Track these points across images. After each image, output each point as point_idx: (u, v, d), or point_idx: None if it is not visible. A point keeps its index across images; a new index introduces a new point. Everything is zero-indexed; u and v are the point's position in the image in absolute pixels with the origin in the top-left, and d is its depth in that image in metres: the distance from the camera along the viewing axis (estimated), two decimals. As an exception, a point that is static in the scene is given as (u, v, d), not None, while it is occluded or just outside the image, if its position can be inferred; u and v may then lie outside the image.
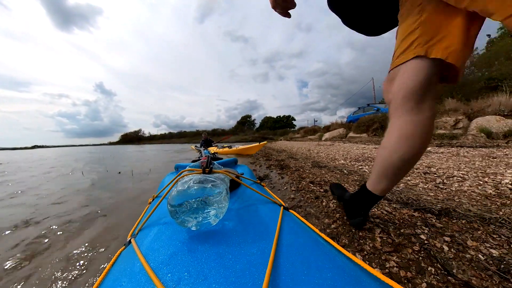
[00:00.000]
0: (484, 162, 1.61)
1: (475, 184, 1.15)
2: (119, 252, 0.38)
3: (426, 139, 0.56)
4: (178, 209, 0.36)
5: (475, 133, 2.90)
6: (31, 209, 1.46)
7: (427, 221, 0.77)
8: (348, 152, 3.11)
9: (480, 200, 0.96)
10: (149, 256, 0.32)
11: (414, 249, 0.63)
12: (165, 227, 0.41)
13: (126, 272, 0.30)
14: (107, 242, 0.94)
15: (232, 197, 0.55)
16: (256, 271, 0.27)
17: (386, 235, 0.71)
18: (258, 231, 0.38)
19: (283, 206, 0.51)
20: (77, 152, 15.48)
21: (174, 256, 0.31)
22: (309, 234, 0.39)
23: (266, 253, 0.31)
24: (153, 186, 1.95)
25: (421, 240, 0.67)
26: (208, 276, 0.26)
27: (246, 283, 0.25)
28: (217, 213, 0.38)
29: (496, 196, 0.98)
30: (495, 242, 0.64)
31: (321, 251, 0.33)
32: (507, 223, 0.74)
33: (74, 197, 1.73)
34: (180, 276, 0.27)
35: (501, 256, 0.58)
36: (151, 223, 0.46)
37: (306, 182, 1.49)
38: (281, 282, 0.25)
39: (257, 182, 0.75)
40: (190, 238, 0.35)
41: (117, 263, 0.35)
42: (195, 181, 0.40)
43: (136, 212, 1.26)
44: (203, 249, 0.32)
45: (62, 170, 3.67)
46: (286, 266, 0.28)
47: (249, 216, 0.45)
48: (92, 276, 0.71)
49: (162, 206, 0.52)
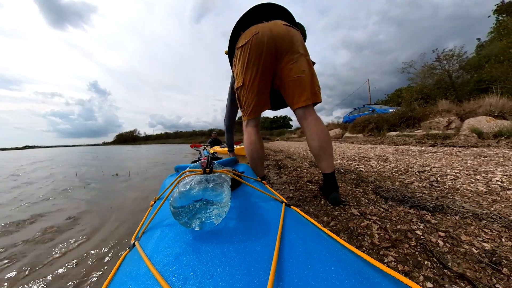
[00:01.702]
0: (475, 161, 1.66)
1: (468, 182, 1.19)
2: (123, 255, 0.38)
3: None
4: (180, 210, 0.36)
5: (467, 133, 2.99)
6: (24, 214, 1.42)
7: (422, 218, 0.80)
8: (345, 152, 3.15)
9: (472, 197, 0.99)
10: (154, 258, 0.32)
11: (410, 244, 0.65)
12: (168, 229, 0.41)
13: (132, 275, 0.30)
14: (110, 246, 0.92)
15: (234, 195, 0.56)
16: (261, 267, 0.27)
17: (384, 231, 0.73)
18: (261, 228, 0.38)
19: (284, 203, 0.52)
20: (71, 152, 15.09)
21: (179, 257, 0.31)
22: (311, 229, 0.39)
23: (270, 249, 0.31)
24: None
25: (417, 236, 0.69)
26: (214, 275, 0.26)
27: (252, 279, 0.25)
28: (220, 212, 0.38)
29: (487, 193, 1.02)
30: (487, 236, 0.66)
31: (324, 245, 0.33)
32: (497, 218, 0.77)
33: (65, 203, 1.69)
34: (186, 276, 0.27)
35: (493, 249, 0.60)
36: (154, 225, 0.46)
37: (304, 181, 1.51)
38: (286, 277, 0.26)
39: (258, 180, 0.76)
40: (194, 238, 0.35)
41: (122, 266, 0.35)
42: (196, 182, 0.40)
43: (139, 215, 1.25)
44: (207, 249, 0.32)
45: (56, 183, 3.57)
46: (290, 261, 0.29)
47: (252, 213, 0.45)
48: (98, 281, 0.70)
49: (165, 208, 0.52)
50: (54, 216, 1.31)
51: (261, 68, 0.97)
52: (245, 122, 1.14)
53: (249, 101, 1.05)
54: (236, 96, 1.14)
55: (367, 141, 4.89)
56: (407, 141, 3.66)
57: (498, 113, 3.62)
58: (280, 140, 14.70)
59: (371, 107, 9.44)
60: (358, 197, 1.07)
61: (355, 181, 1.39)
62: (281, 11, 1.04)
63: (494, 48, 9.36)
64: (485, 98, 4.24)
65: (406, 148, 2.81)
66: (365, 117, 7.36)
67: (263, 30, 0.93)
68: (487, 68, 8.62)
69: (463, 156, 1.89)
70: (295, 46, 0.97)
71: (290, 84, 0.98)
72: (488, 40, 11.56)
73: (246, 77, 1.00)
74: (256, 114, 1.09)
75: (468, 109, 4.27)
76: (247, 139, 1.10)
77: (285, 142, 10.49)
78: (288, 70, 0.97)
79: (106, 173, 3.00)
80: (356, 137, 6.46)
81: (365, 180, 1.39)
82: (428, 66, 10.86)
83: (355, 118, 8.18)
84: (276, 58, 0.97)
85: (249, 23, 1.00)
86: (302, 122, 1.02)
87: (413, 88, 10.89)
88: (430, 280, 0.51)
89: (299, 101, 0.98)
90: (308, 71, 0.98)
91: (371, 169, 1.75)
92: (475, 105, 4.23)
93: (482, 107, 3.95)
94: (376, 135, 5.68)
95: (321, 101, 1.03)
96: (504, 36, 9.60)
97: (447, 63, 10.43)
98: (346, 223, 0.81)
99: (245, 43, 0.96)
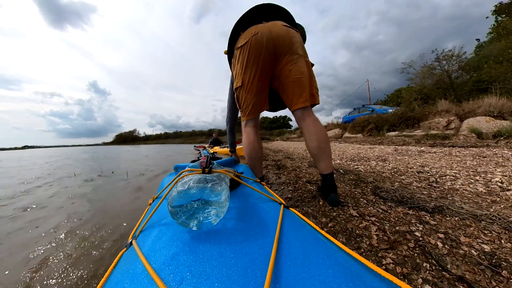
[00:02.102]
0: (475, 161, 1.66)
1: (467, 183, 1.18)
2: (120, 254, 0.38)
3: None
4: (178, 209, 0.36)
5: (466, 134, 2.98)
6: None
7: (421, 219, 0.79)
8: (344, 152, 3.15)
9: (472, 198, 0.98)
10: (151, 257, 0.32)
11: (409, 246, 0.64)
12: (166, 228, 0.41)
13: (128, 274, 0.30)
14: (108, 243, 0.92)
15: (233, 196, 0.55)
16: (258, 269, 0.27)
17: (382, 233, 0.72)
18: (259, 229, 0.38)
19: (283, 204, 0.51)
20: (75, 152, 15.12)
21: (176, 257, 0.31)
22: (309, 231, 0.39)
23: (267, 250, 0.31)
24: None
25: (416, 237, 0.68)
26: (210, 275, 0.26)
27: (249, 280, 0.25)
28: (218, 213, 0.38)
29: (486, 194, 1.01)
30: (486, 238, 0.66)
31: (322, 248, 0.33)
32: (497, 219, 0.76)
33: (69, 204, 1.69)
34: (183, 276, 0.27)
35: (492, 251, 0.60)
36: (151, 224, 0.46)
37: (303, 182, 1.50)
38: (283, 278, 0.26)
39: (257, 181, 0.75)
40: (191, 238, 0.35)
41: (119, 265, 0.35)
42: (195, 181, 0.40)
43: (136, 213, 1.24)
44: (204, 249, 0.32)
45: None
46: (287, 263, 0.29)
47: (250, 214, 0.45)
48: (94, 279, 0.70)
49: (163, 207, 0.52)
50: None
51: (260, 69, 0.97)
52: (244, 122, 1.14)
53: (248, 101, 1.05)
54: (235, 96, 1.13)
55: (366, 141, 4.88)
56: (406, 141, 3.66)
57: (497, 113, 3.63)
58: (280, 140, 14.70)
59: (371, 107, 9.44)
60: (357, 198, 1.07)
61: (354, 181, 1.39)
62: (281, 12, 1.04)
63: (494, 48, 9.38)
64: (484, 99, 4.24)
65: (405, 148, 2.81)
66: (364, 117, 7.37)
67: (263, 31, 0.93)
68: (486, 68, 8.64)
69: (462, 157, 1.89)
70: (295, 47, 0.96)
71: (290, 85, 0.98)
72: (488, 40, 11.58)
73: (245, 77, 1.00)
74: (255, 114, 1.09)
75: (467, 109, 4.27)
76: (245, 139, 1.10)
77: (284, 142, 10.48)
78: (287, 71, 0.97)
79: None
80: (356, 137, 6.46)
81: (364, 180, 1.39)
82: (427, 67, 10.88)
83: (355, 118, 8.18)
84: (275, 59, 0.97)
85: (248, 23, 0.99)
86: (301, 123, 1.02)
87: (412, 88, 10.91)
88: (429, 283, 0.50)
89: (298, 102, 0.98)
90: (307, 72, 0.99)
91: (370, 170, 1.75)
92: (475, 105, 4.24)
93: (481, 107, 3.95)
94: (375, 135, 5.68)
95: (319, 103, 1.04)
96: (503, 37, 9.63)
97: (447, 63, 10.45)
98: (344, 224, 0.80)
99: (244, 43, 0.95)
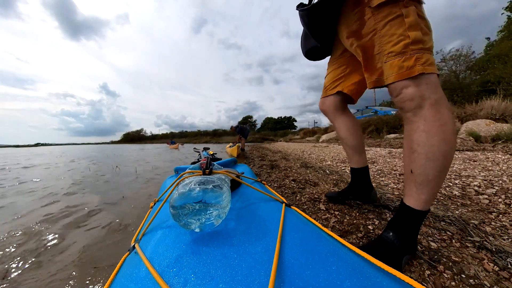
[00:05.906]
0: (462, 165, 1.66)
1: (444, 186, 1.21)
2: (123, 258, 0.38)
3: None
4: (180, 211, 0.36)
5: (464, 137, 2.94)
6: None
7: (381, 216, 0.84)
8: (338, 154, 3.17)
9: (443, 200, 1.01)
10: (154, 260, 0.32)
11: (357, 235, 0.71)
12: (168, 230, 0.41)
13: (132, 277, 0.30)
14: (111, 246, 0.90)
15: (234, 196, 0.56)
16: (261, 269, 0.27)
17: (339, 224, 0.79)
18: (262, 229, 0.38)
19: (285, 203, 0.51)
20: (89, 149, 15.20)
21: (179, 259, 0.30)
22: (311, 229, 0.39)
23: (270, 250, 0.31)
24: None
25: (367, 229, 0.74)
26: (214, 277, 0.26)
27: (253, 281, 0.25)
28: (220, 214, 0.38)
29: (459, 197, 1.04)
30: (439, 237, 0.70)
31: (325, 245, 0.33)
32: (456, 221, 0.79)
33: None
34: (187, 278, 0.26)
35: (439, 248, 0.64)
36: (154, 227, 0.46)
37: (289, 180, 1.56)
38: (287, 278, 0.26)
39: (257, 181, 0.75)
40: (194, 240, 0.35)
41: (123, 269, 0.34)
42: (196, 183, 0.39)
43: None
44: (207, 250, 0.32)
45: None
46: (291, 262, 0.29)
47: (252, 214, 0.45)
48: (98, 284, 0.69)
49: (164, 210, 0.51)
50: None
51: None
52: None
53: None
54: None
55: (365, 143, 4.86)
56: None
57: (499, 116, 3.55)
58: (283, 141, 14.70)
59: (374, 108, 9.34)
60: (332, 196, 1.12)
61: (335, 181, 1.44)
62: None
63: (504, 47, 9.06)
64: (487, 100, 4.14)
65: (400, 151, 2.80)
66: (366, 119, 7.31)
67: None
68: (490, 69, 8.35)
69: (453, 160, 1.89)
70: None
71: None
72: (498, 39, 11.18)
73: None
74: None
75: (469, 112, 4.19)
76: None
77: (286, 143, 10.49)
78: None
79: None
80: (357, 139, 6.41)
81: (345, 181, 1.43)
82: (434, 67, 10.60)
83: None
84: None
85: None
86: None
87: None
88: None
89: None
90: None
91: (357, 171, 1.78)
92: (477, 108, 4.15)
93: (484, 110, 3.87)
94: (375, 137, 5.63)
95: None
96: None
97: (454, 63, 10.19)
98: (308, 215, 0.86)
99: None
